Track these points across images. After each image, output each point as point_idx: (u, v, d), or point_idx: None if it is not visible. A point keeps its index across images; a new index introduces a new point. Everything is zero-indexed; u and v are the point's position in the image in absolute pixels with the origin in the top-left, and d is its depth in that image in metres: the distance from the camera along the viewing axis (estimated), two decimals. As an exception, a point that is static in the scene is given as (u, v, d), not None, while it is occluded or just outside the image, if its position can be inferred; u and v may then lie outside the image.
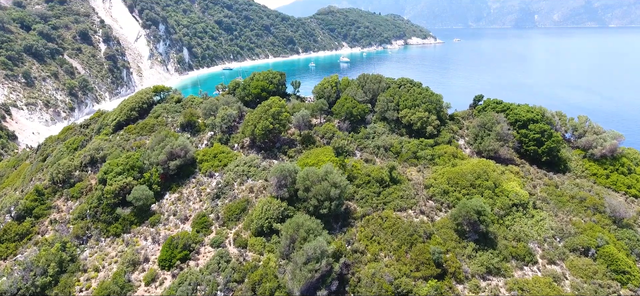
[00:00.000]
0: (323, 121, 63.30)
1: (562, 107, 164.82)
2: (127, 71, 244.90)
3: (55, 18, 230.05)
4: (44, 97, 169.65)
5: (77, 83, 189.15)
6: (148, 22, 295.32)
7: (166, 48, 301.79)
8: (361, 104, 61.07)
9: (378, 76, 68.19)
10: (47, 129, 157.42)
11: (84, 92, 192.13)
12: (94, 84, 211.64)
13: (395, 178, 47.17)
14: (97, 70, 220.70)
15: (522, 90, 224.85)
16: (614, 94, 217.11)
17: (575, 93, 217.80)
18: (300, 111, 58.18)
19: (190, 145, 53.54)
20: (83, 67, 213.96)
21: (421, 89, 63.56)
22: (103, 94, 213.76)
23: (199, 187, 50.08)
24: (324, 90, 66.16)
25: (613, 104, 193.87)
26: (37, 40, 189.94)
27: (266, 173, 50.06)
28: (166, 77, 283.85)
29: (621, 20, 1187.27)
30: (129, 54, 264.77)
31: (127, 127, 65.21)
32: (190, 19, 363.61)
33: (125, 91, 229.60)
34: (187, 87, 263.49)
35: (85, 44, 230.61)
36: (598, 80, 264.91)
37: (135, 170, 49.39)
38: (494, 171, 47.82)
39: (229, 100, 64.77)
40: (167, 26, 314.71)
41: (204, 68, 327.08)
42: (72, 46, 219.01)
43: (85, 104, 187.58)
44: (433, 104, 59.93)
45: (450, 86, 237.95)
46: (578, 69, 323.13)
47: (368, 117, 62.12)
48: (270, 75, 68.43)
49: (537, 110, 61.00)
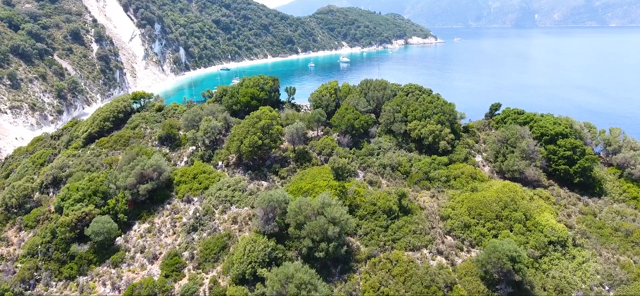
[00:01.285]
0: (321, 134, 55.72)
1: (573, 111, 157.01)
2: (121, 72, 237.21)
3: (45, 17, 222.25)
4: (30, 100, 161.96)
5: (66, 85, 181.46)
6: (143, 21, 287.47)
7: (162, 48, 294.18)
8: (364, 116, 53.43)
9: (382, 81, 60.55)
10: (32, 133, 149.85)
11: (73, 95, 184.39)
12: (85, 85, 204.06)
13: (405, 207, 39.60)
14: (89, 71, 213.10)
15: (528, 91, 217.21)
16: (624, 95, 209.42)
17: (585, 95, 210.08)
18: (294, 123, 50.59)
19: (165, 165, 45.91)
20: (74, 68, 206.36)
21: (432, 97, 55.87)
22: (94, 96, 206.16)
23: (174, 215, 42.46)
24: (322, 98, 58.48)
25: (626, 106, 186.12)
26: (25, 40, 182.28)
27: (253, 199, 42.51)
28: (162, 77, 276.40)
29: (622, 19, 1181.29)
30: (123, 54, 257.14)
31: (100, 140, 57.60)
32: (188, 18, 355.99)
33: (118, 93, 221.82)
34: (183, 87, 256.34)
35: (76, 43, 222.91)
36: (606, 81, 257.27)
37: (98, 196, 41.80)
38: (522, 198, 40.24)
39: (215, 109, 57.11)
40: (163, 25, 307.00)
41: (201, 68, 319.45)
42: (62, 46, 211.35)
43: (74, 107, 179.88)
44: (446, 115, 52.30)
45: (454, 88, 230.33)
46: (584, 69, 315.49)
47: (372, 130, 54.51)
48: (262, 81, 60.78)
49: (564, 122, 53.38)
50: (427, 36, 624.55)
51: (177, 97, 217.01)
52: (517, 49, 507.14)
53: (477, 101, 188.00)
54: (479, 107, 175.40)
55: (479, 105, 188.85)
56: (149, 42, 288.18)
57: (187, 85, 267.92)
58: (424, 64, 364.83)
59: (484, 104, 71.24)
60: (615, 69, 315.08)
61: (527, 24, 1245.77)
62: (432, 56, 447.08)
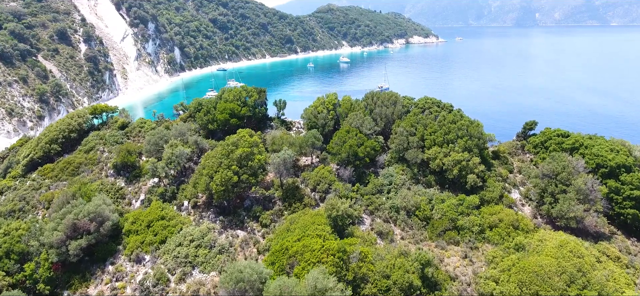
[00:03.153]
0: (316, 162, 44.62)
1: (592, 118, 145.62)
2: (110, 73, 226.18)
3: (31, 16, 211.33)
4: (8, 105, 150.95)
5: (49, 88, 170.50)
6: (136, 20, 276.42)
7: (156, 48, 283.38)
8: (370, 141, 42.27)
9: (392, 94, 49.39)
10: (8, 141, 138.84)
11: (57, 98, 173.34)
12: (71, 88, 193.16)
13: (430, 279, 28.58)
14: (75, 73, 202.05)
15: (540, 94, 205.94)
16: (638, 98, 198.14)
17: (602, 99, 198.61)
18: (282, 150, 39.47)
19: (109, 211, 34.74)
20: (59, 69, 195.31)
21: (454, 116, 44.68)
22: (81, 100, 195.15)
23: (115, 284, 31.44)
24: (318, 116, 47.28)
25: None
26: (5, 41, 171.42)
27: (222, 260, 31.53)
28: (155, 79, 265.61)
29: (622, 18, 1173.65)
30: (114, 55, 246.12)
31: (43, 167, 46.65)
32: (183, 17, 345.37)
33: (107, 96, 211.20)
34: (178, 89, 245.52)
35: (63, 44, 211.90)
36: (621, 84, 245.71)
37: (13, 258, 30.80)
38: (592, 266, 29.15)
39: (185, 129, 45.95)
40: (157, 25, 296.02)
41: (197, 69, 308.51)
42: (48, 47, 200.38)
43: (57, 112, 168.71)
44: (473, 139, 41.16)
45: (459, 90, 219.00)
46: (595, 70, 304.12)
47: (380, 158, 43.45)
48: (244, 93, 49.60)
49: (621, 147, 42.23)
50: (428, 35, 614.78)
51: (172, 99, 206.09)
52: (521, 49, 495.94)
53: (486, 105, 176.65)
54: (489, 111, 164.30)
55: (488, 109, 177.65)
56: (142, 42, 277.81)
57: (182, 86, 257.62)
58: (427, 64, 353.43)
59: (495, 108, 62.06)
60: (625, 71, 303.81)
61: (527, 23, 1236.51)
62: (434, 55, 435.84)
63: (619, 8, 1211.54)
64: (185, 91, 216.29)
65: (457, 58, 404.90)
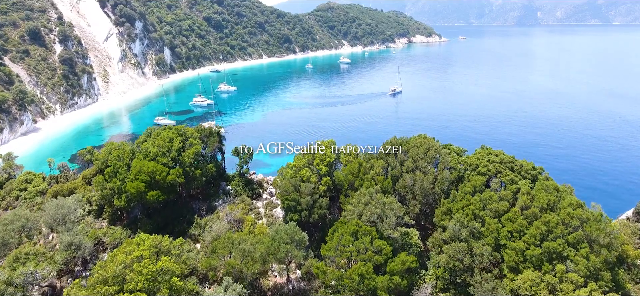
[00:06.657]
0: (295, 278, 25.02)
1: (625, 128, 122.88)
2: (89, 77, 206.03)
3: (0, 14, 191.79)
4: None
5: (11, 96, 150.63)
6: (122, 18, 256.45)
7: (143, 48, 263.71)
8: (401, 255, 22.59)
9: (429, 142, 29.73)
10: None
11: (20, 107, 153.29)
12: (41, 94, 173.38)
13: None
14: (48, 77, 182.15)
15: (560, 100, 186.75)
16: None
17: (627, 105, 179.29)
18: (224, 283, 19.75)
19: None
20: (28, 73, 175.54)
21: (550, 193, 25.15)
22: (53, 107, 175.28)
23: None
24: (300, 190, 27.44)
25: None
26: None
27: None
28: (141, 82, 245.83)
29: (625, 17, 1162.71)
30: (96, 56, 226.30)
31: None
32: (175, 16, 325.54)
33: (84, 101, 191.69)
34: (169, 92, 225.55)
35: (35, 45, 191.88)
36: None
37: None
38: None
39: (66, 207, 26.07)
40: (146, 23, 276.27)
41: (189, 70, 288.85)
42: (17, 48, 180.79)
43: (20, 122, 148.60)
44: (601, 245, 21.74)
45: (470, 94, 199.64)
46: (612, 73, 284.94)
47: (418, 293, 23.81)
48: (180, 137, 29.67)
49: None
50: (431, 35, 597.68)
51: (158, 105, 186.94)
52: (527, 49, 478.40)
53: (502, 111, 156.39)
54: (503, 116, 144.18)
55: (502, 114, 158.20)
56: (128, 42, 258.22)
57: (173, 90, 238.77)
58: (432, 65, 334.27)
59: (510, 113, 42.75)
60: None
61: (529, 21, 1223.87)
62: (437, 55, 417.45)
63: (622, 6, 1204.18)
64: (168, 96, 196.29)
65: (462, 58, 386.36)
